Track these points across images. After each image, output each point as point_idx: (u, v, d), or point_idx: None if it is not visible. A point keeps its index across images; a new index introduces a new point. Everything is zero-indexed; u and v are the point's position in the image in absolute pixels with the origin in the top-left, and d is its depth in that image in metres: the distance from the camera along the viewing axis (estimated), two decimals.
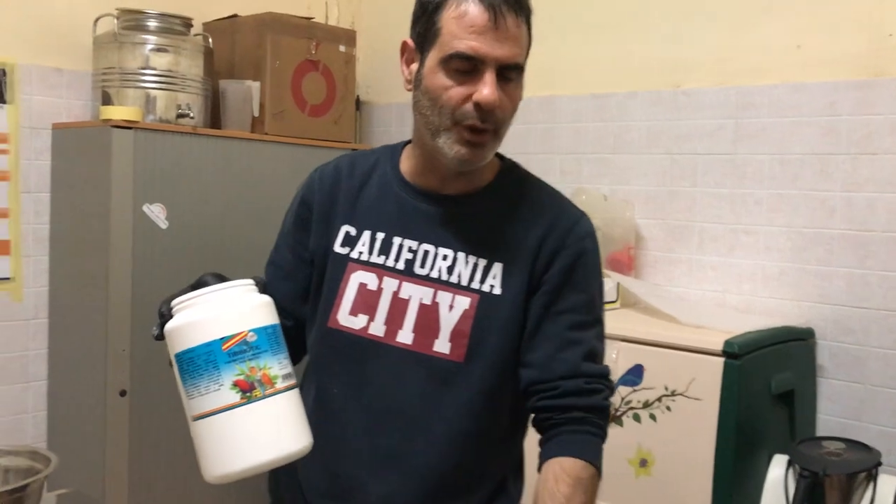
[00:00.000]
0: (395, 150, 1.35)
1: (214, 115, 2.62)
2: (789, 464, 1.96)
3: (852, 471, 1.86)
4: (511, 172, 1.32)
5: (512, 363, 1.24)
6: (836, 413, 2.19)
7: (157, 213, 2.38)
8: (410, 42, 1.25)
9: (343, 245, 1.29)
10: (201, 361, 1.02)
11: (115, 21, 2.43)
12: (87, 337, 2.40)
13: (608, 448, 1.24)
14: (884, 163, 2.11)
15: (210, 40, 2.62)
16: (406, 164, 1.31)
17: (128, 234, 2.32)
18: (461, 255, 1.24)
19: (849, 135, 2.16)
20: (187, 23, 2.55)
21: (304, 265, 1.33)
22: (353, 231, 1.29)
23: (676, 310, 2.19)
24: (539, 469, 1.19)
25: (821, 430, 2.20)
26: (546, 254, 1.23)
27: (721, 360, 1.91)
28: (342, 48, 2.84)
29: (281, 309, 1.25)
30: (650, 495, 1.98)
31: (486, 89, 1.14)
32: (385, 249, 1.26)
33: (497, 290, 1.23)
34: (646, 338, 2.01)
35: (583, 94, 2.64)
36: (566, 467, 1.15)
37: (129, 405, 2.35)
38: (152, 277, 2.37)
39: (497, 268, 1.23)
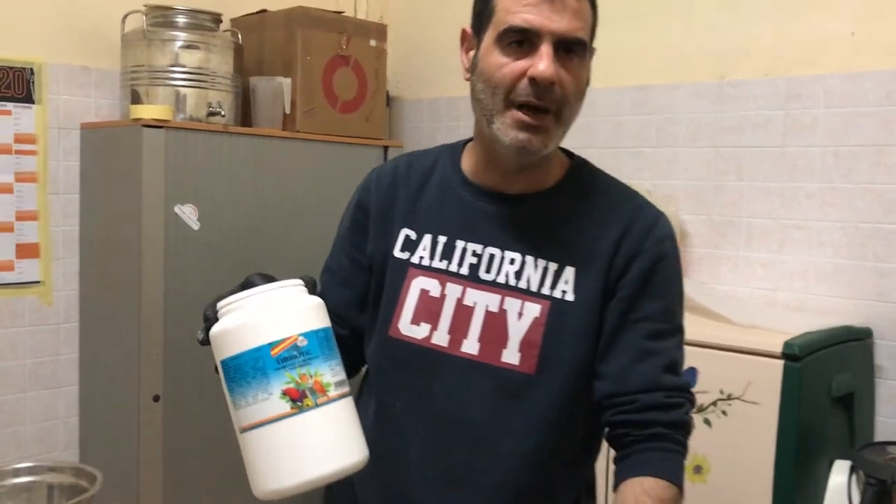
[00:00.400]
0: (455, 149, 1.27)
1: (245, 113, 2.57)
2: (852, 470, 1.88)
3: None
4: (581, 170, 1.24)
5: (586, 375, 1.16)
6: (895, 415, 2.10)
7: (188, 213, 2.33)
8: (468, 29, 1.20)
9: (403, 249, 1.22)
10: (249, 368, 0.94)
11: (144, 18, 2.38)
12: (119, 341, 2.35)
13: None
14: None
15: (239, 36, 2.56)
16: (467, 162, 1.24)
17: (159, 236, 2.27)
18: (530, 258, 1.16)
19: None
20: (217, 18, 2.50)
21: (361, 271, 1.26)
22: (413, 235, 1.22)
23: (727, 309, 2.11)
24: (615, 488, 1.12)
25: (879, 434, 2.11)
26: (622, 257, 1.15)
27: (781, 362, 1.82)
28: (373, 43, 2.78)
29: (336, 317, 1.19)
30: (705, 503, 1.90)
31: (542, 63, 1.06)
32: (447, 253, 1.19)
33: (569, 297, 1.15)
34: (699, 339, 1.92)
35: (623, 87, 2.56)
36: (647, 488, 1.07)
37: (163, 410, 2.30)
38: (185, 280, 2.32)
39: (569, 272, 1.15)
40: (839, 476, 1.89)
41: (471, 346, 1.15)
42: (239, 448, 1.00)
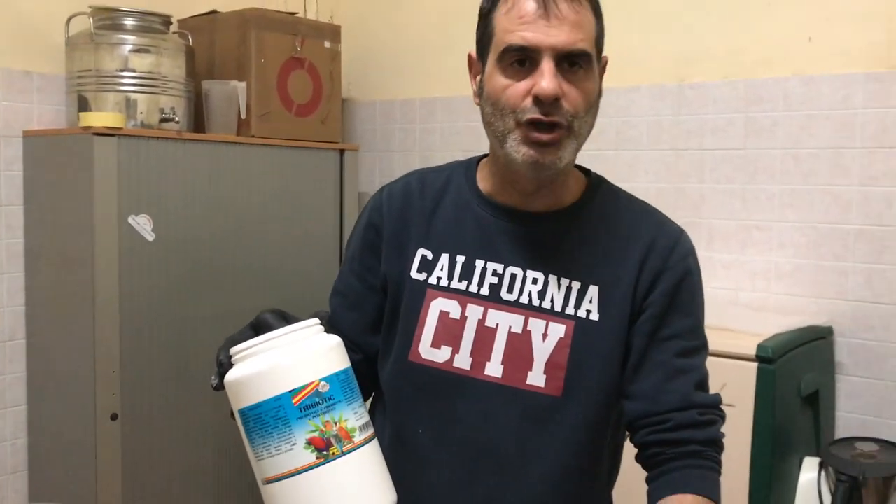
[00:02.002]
0: (469, 166, 1.24)
1: (198, 119, 2.48)
2: (821, 466, 1.93)
3: (891, 473, 1.83)
4: (600, 187, 1.22)
5: (614, 396, 1.14)
6: (856, 411, 2.16)
7: (143, 224, 2.24)
8: (473, 54, 1.17)
9: (420, 270, 1.18)
10: (270, 418, 0.90)
11: (90, 20, 2.27)
12: (72, 358, 2.25)
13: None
14: None
15: (190, 38, 2.47)
16: (484, 180, 1.21)
17: (113, 249, 2.19)
18: (553, 277, 1.14)
19: (864, 128, 2.13)
20: (166, 20, 2.41)
21: (373, 293, 1.22)
22: (429, 255, 1.18)
23: None
24: None
25: (840, 429, 2.17)
26: (648, 275, 1.13)
27: (755, 364, 1.86)
28: (327, 44, 2.72)
29: (349, 342, 1.15)
30: None
31: (544, 80, 1.04)
32: (467, 274, 1.16)
33: (594, 316, 1.13)
34: None
35: None
36: None
37: (122, 429, 2.21)
38: (140, 293, 2.24)
39: (593, 291, 1.13)
40: (809, 473, 1.94)
41: (494, 368, 1.12)
42: (200, 467, 0.95)
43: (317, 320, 0.98)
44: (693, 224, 2.38)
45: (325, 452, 0.90)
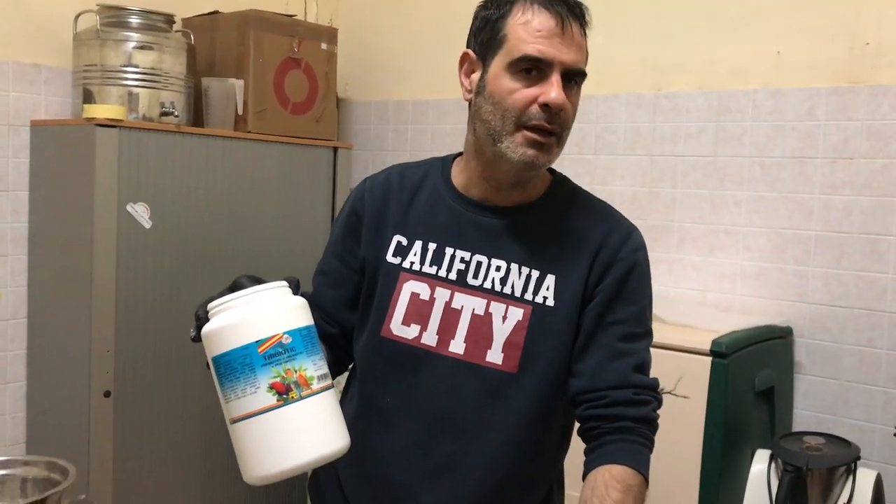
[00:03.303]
0: (444, 162, 1.36)
1: (197, 113, 2.60)
2: (771, 458, 2.03)
3: (833, 465, 1.93)
4: (563, 185, 1.34)
5: (564, 374, 1.25)
6: (812, 408, 2.27)
7: (140, 212, 2.36)
8: (471, 53, 1.27)
9: (395, 255, 1.30)
10: (238, 364, 1.02)
11: (97, 17, 2.40)
12: (70, 337, 2.37)
13: None
14: (859, 167, 2.19)
15: (191, 37, 2.59)
16: (458, 176, 1.32)
17: (112, 234, 2.30)
18: (514, 266, 1.25)
19: (826, 139, 2.24)
20: (169, 19, 2.52)
21: (352, 273, 1.34)
22: (404, 241, 1.30)
23: (660, 308, 2.24)
24: (584, 476, 1.21)
25: (797, 425, 2.28)
26: (599, 266, 1.25)
27: (709, 359, 1.96)
28: (324, 46, 2.84)
29: (328, 316, 1.29)
30: None
31: (554, 91, 1.16)
32: (437, 260, 1.27)
33: (550, 302, 1.24)
34: None
35: None
36: (615, 474, 1.16)
37: (114, 406, 2.33)
38: (136, 278, 2.35)
39: (550, 279, 1.24)
40: (760, 464, 2.04)
41: (458, 346, 1.24)
42: (188, 443, 1.05)
43: (285, 283, 1.10)
44: (665, 227, 2.50)
45: (284, 396, 1.01)
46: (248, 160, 2.60)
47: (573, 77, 1.20)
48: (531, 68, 1.17)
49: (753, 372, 2.07)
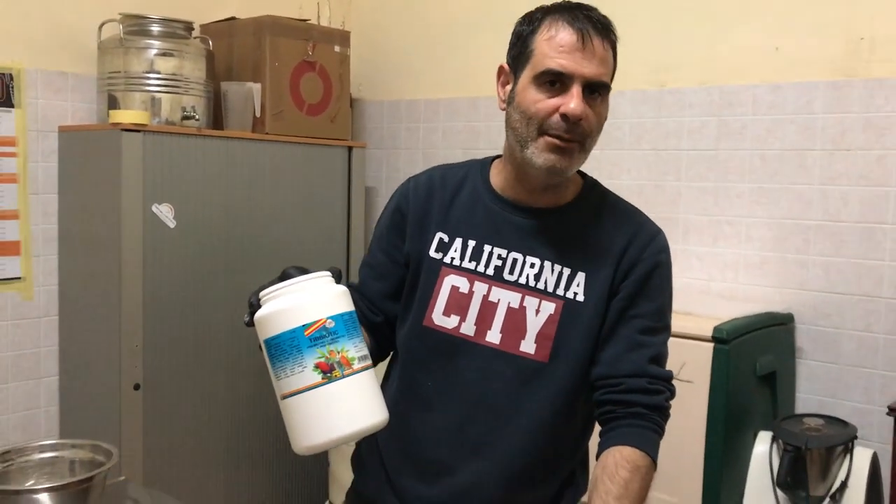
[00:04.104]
0: (483, 165, 1.45)
1: (217, 117, 2.71)
2: (773, 439, 2.11)
3: (831, 444, 2.01)
4: (593, 189, 1.43)
5: (590, 364, 1.35)
6: (813, 392, 2.35)
7: (165, 212, 2.46)
8: (506, 66, 1.37)
9: (437, 251, 1.39)
10: (286, 346, 1.13)
11: (120, 26, 2.50)
12: (99, 333, 2.48)
13: None
14: (856, 158, 2.26)
15: (210, 43, 2.69)
16: (496, 178, 1.41)
17: (138, 234, 2.41)
18: (547, 263, 1.34)
19: (824, 132, 2.31)
20: (189, 27, 2.63)
21: (396, 267, 1.43)
22: (445, 238, 1.39)
23: None
24: (597, 456, 1.31)
25: (800, 408, 2.36)
26: (626, 264, 1.34)
27: (711, 345, 2.05)
28: (337, 48, 2.93)
29: (373, 305, 1.40)
30: None
31: (573, 102, 1.24)
32: (476, 256, 1.37)
33: (580, 298, 1.33)
34: None
35: None
36: (626, 455, 1.26)
37: (143, 398, 2.44)
38: (162, 275, 2.46)
39: (580, 276, 1.34)
40: (762, 445, 2.13)
41: (494, 336, 1.34)
42: (214, 432, 1.14)
43: (328, 273, 1.21)
44: (670, 219, 2.58)
45: (328, 375, 1.12)
46: (266, 160, 2.70)
47: (596, 89, 1.28)
48: (554, 81, 1.26)
49: (755, 357, 2.15)
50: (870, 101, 2.23)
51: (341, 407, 1.13)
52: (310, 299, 1.15)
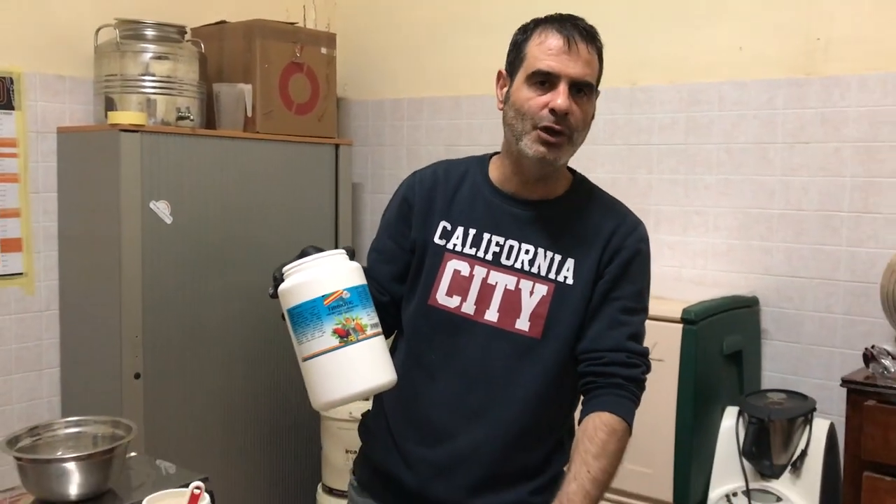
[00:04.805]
0: (483, 161, 1.60)
1: (209, 117, 2.82)
2: (739, 414, 2.26)
3: (792, 416, 2.17)
4: (582, 184, 1.59)
5: (577, 340, 1.49)
6: (777, 370, 2.50)
7: (162, 209, 2.57)
8: (503, 71, 1.53)
9: (441, 238, 1.53)
10: (307, 314, 1.27)
11: (116, 31, 2.61)
12: (101, 325, 2.58)
13: None
14: (815, 151, 2.42)
15: (202, 46, 2.80)
16: (494, 172, 1.56)
17: (137, 230, 2.51)
18: (541, 250, 1.49)
19: (784, 127, 2.46)
20: (182, 31, 2.74)
21: (403, 252, 1.57)
22: (449, 226, 1.53)
23: None
24: (579, 421, 1.46)
25: (766, 385, 2.51)
26: (610, 251, 1.49)
27: (680, 326, 2.20)
28: (324, 50, 3.05)
29: (381, 287, 1.54)
30: None
31: (560, 98, 1.40)
32: (476, 243, 1.51)
33: (570, 281, 1.48)
34: None
35: None
36: (605, 419, 1.41)
37: (144, 386, 2.55)
38: (160, 269, 2.57)
39: (570, 262, 1.49)
40: (729, 419, 2.28)
41: (492, 315, 1.48)
42: (211, 419, 1.24)
43: (343, 250, 1.36)
44: (643, 210, 2.71)
45: (345, 339, 1.27)
46: (257, 158, 2.82)
47: (581, 88, 1.43)
48: (544, 80, 1.42)
49: (721, 337, 2.30)
50: (826, 98, 2.39)
51: (356, 367, 1.27)
52: (328, 273, 1.29)
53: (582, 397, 1.50)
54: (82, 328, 2.68)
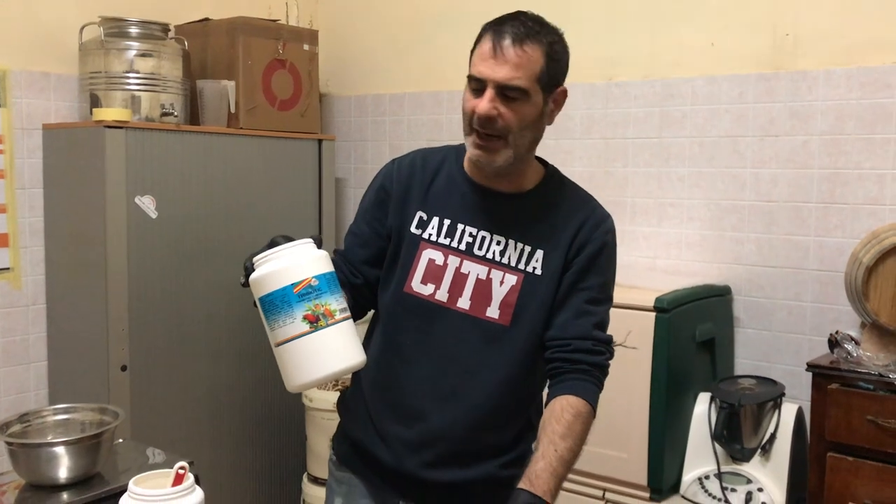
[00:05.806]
0: (459, 152, 1.63)
1: (193, 113, 2.86)
2: (711, 399, 2.33)
3: (761, 401, 2.24)
4: (553, 177, 1.63)
5: (545, 328, 1.55)
6: (749, 357, 2.57)
7: (147, 204, 2.62)
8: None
9: (417, 227, 1.58)
10: (278, 302, 1.32)
11: (100, 29, 2.65)
12: (87, 319, 2.62)
13: None
14: (783, 144, 2.49)
15: (185, 43, 2.84)
16: (469, 162, 1.60)
17: (122, 225, 2.56)
18: (511, 241, 1.55)
19: (755, 120, 2.53)
20: (165, 28, 2.78)
21: (378, 238, 1.61)
22: (424, 216, 1.58)
23: (616, 275, 2.53)
24: (545, 403, 1.52)
25: (738, 372, 2.58)
26: (578, 243, 1.54)
27: (653, 314, 2.26)
28: (306, 47, 3.10)
29: (355, 269, 1.59)
30: (595, 431, 2.32)
31: (481, 104, 1.45)
32: (450, 233, 1.56)
33: (538, 272, 1.54)
34: None
35: None
36: (571, 402, 1.47)
37: (130, 379, 2.59)
38: (146, 263, 2.61)
39: (539, 253, 1.54)
40: (702, 405, 2.35)
41: (464, 303, 1.54)
42: (197, 410, 1.27)
43: (310, 239, 1.41)
44: (619, 202, 2.79)
45: (315, 324, 1.32)
46: (241, 153, 2.86)
47: (508, 92, 1.45)
48: (477, 86, 1.47)
49: (694, 325, 2.37)
50: (795, 92, 2.46)
51: (327, 350, 1.32)
52: (297, 261, 1.34)
53: (549, 380, 1.56)
54: (69, 322, 2.72)
